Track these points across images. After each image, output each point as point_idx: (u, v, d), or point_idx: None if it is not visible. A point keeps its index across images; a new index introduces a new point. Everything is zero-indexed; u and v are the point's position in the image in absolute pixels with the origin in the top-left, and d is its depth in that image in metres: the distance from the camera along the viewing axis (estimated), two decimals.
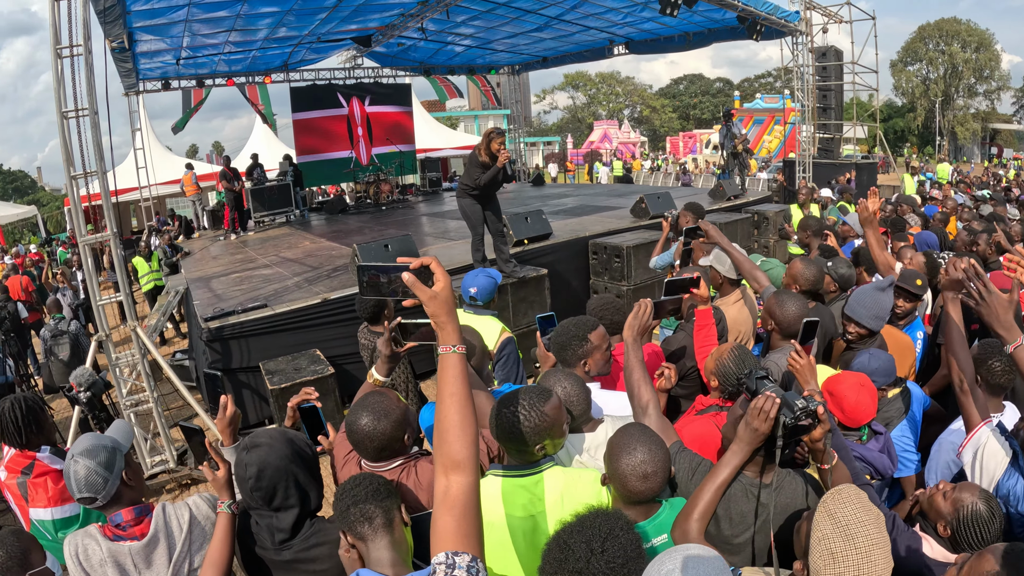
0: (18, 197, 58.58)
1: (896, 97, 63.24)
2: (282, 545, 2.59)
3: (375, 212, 19.41)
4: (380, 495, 2.24)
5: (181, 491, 7.33)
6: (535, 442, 2.56)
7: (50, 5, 6.52)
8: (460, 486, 1.81)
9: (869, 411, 3.31)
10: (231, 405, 3.03)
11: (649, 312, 3.29)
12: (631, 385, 3.07)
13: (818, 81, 18.90)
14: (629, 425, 2.65)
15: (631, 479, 2.42)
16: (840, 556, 1.93)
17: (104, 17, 10.37)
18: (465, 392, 1.91)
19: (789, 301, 4.04)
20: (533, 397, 2.59)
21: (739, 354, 3.33)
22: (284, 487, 2.56)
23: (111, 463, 2.62)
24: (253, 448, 2.57)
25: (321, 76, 21.52)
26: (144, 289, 14.41)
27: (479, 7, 16.32)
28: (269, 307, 8.66)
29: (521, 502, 2.57)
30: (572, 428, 3.02)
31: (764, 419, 2.39)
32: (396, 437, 2.69)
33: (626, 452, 2.44)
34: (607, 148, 50.18)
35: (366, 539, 2.17)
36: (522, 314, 8.78)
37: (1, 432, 3.49)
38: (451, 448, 1.84)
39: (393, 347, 3.02)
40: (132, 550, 2.55)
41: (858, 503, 2.01)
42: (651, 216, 12.39)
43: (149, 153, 18.96)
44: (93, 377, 6.41)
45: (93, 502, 2.58)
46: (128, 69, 15.85)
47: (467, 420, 1.88)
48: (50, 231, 33.79)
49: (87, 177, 6.99)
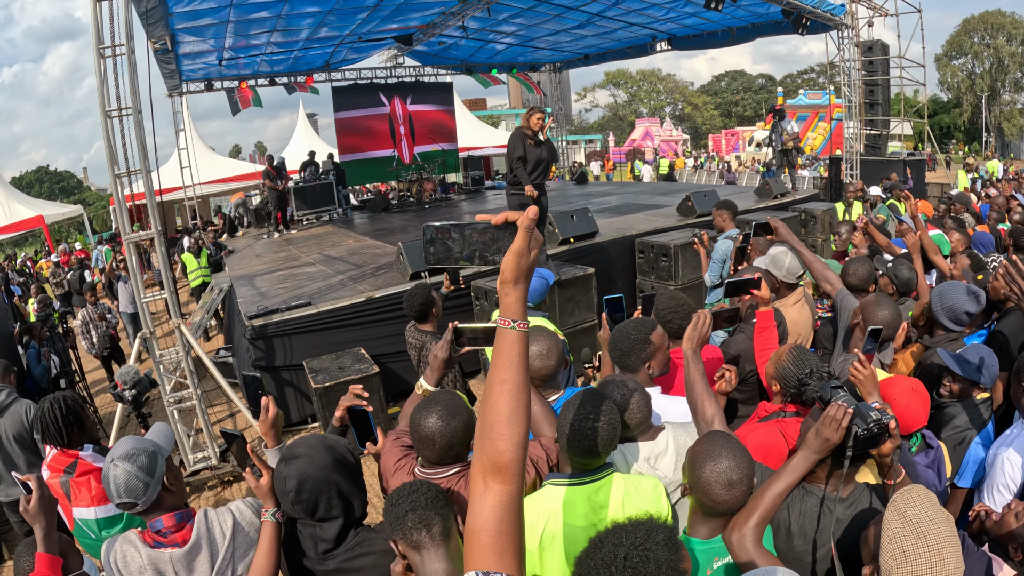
0: (64, 197, 59.99)
1: (941, 92, 61.98)
2: (326, 555, 2.50)
3: (418, 210, 19.46)
4: (439, 502, 2.12)
5: (223, 488, 7.35)
6: (606, 449, 2.46)
7: (92, 5, 6.56)
8: (499, 495, 1.52)
9: (920, 417, 3.14)
10: (273, 406, 2.94)
11: (708, 324, 3.20)
12: (694, 399, 2.95)
13: (864, 76, 18.51)
14: (712, 433, 2.51)
15: (715, 487, 2.28)
16: (912, 554, 1.87)
17: (147, 19, 10.44)
18: (521, 379, 1.58)
19: (884, 306, 3.86)
20: (604, 402, 2.49)
21: (798, 354, 3.18)
22: (327, 498, 2.47)
23: (152, 467, 2.52)
24: (292, 460, 2.48)
25: (363, 75, 21.61)
26: (192, 285, 14.58)
27: (520, 4, 16.24)
28: (313, 305, 8.65)
29: (583, 511, 2.46)
30: (627, 437, 2.92)
31: (836, 428, 2.29)
32: (465, 439, 2.55)
33: (710, 459, 2.31)
34: (649, 146, 49.87)
35: (421, 548, 2.05)
36: (568, 314, 8.66)
37: (42, 433, 3.46)
38: (495, 447, 1.54)
39: (451, 351, 2.88)
40: (173, 557, 2.45)
41: (928, 502, 1.97)
42: (698, 215, 12.20)
43: (193, 153, 19.20)
44: (138, 375, 6.41)
45: (133, 508, 2.48)
46: (171, 70, 16.05)
47: (518, 414, 1.56)
48: (96, 229, 34.40)
49: (131, 176, 7.02)
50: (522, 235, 1.56)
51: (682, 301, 4.05)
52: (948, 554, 1.85)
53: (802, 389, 2.97)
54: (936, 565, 1.84)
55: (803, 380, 2.96)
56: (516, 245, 1.56)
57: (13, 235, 28.62)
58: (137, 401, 6.47)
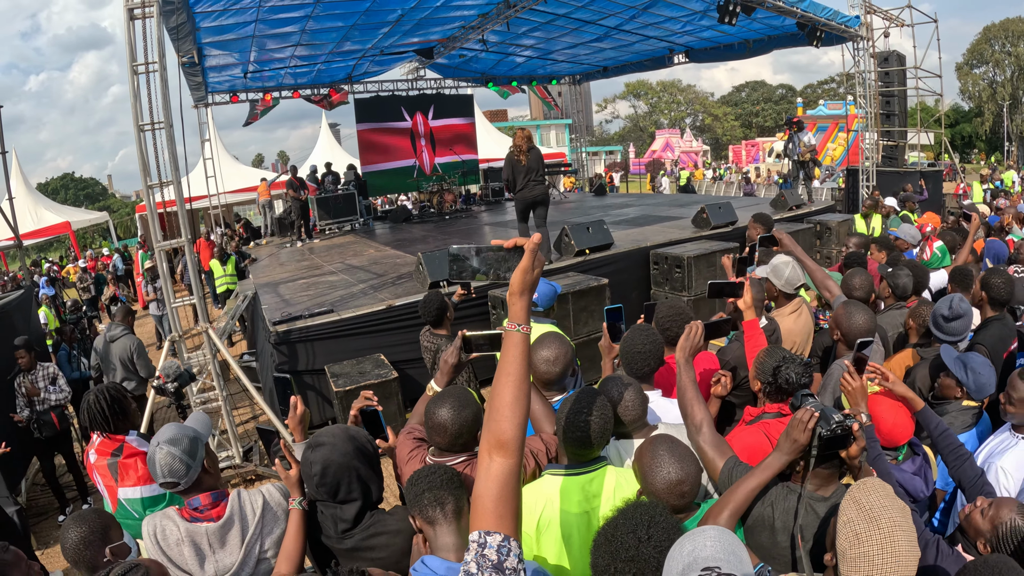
0: (89, 203, 60.93)
1: (962, 101, 61.45)
2: (345, 534, 2.76)
3: (438, 221, 19.66)
4: (454, 484, 2.36)
5: (246, 485, 7.58)
6: (599, 442, 2.70)
7: (125, 25, 6.87)
8: (501, 467, 1.85)
9: (906, 431, 3.31)
10: (300, 405, 3.20)
11: (700, 334, 3.35)
12: (684, 404, 3.12)
13: (880, 87, 18.53)
14: (657, 440, 2.72)
15: (671, 498, 2.53)
16: (864, 536, 1.99)
17: (176, 33, 10.72)
18: (522, 373, 1.93)
19: (857, 312, 4.04)
20: (598, 400, 2.73)
21: (771, 349, 3.41)
22: (347, 482, 2.74)
23: (194, 451, 2.83)
24: (317, 447, 2.75)
25: (384, 88, 21.90)
26: (218, 292, 14.95)
27: (539, 18, 16.45)
28: (335, 312, 8.88)
29: (577, 499, 2.68)
30: (623, 434, 3.14)
31: (803, 430, 2.48)
32: (473, 429, 2.81)
33: (661, 472, 2.56)
34: (669, 157, 49.90)
35: (435, 523, 2.27)
36: (582, 323, 8.83)
37: (90, 421, 3.73)
38: (499, 427, 1.87)
39: (460, 356, 3.15)
40: (208, 531, 2.73)
41: (882, 491, 2.08)
42: (712, 227, 12.35)
43: (218, 162, 19.53)
44: (180, 369, 6.75)
45: (175, 487, 2.78)
46: (198, 83, 16.40)
47: (519, 401, 1.91)
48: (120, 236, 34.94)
49: (162, 187, 7.31)
50: (527, 256, 1.96)
51: (680, 310, 4.23)
52: (899, 537, 1.97)
53: (776, 377, 3.18)
54: (887, 547, 1.96)
55: (777, 367, 3.18)
56: (523, 263, 1.96)
57: (39, 240, 29.23)
58: (178, 393, 6.93)
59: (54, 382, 7.39)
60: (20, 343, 7.27)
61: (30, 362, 7.26)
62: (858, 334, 3.89)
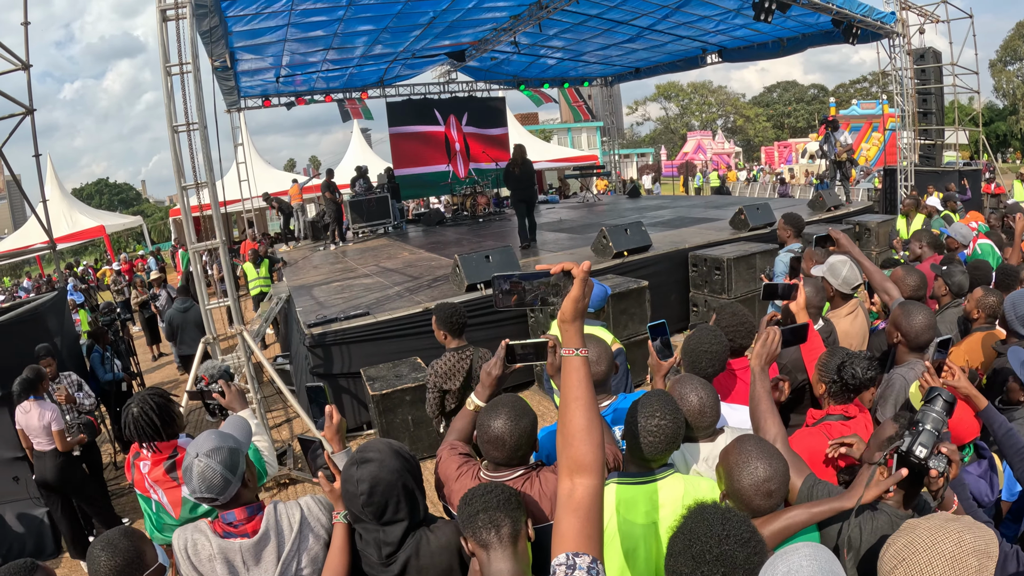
0: (123, 208, 62.09)
1: (996, 99, 60.27)
2: (389, 559, 2.52)
3: (472, 224, 19.64)
4: (511, 505, 2.19)
5: (279, 490, 7.53)
6: (669, 448, 2.54)
7: (158, 26, 6.86)
8: (586, 488, 1.81)
9: (971, 429, 3.15)
10: (336, 414, 3.02)
11: (778, 342, 3.15)
12: (757, 417, 2.96)
13: (917, 84, 18.18)
14: (744, 438, 2.54)
15: (756, 498, 2.35)
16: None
17: (209, 37, 10.73)
18: (590, 396, 1.90)
19: (916, 312, 3.83)
20: (669, 402, 2.57)
21: (832, 349, 3.32)
22: (395, 501, 2.50)
23: (235, 465, 2.61)
24: (364, 463, 2.50)
25: (416, 91, 21.91)
26: (252, 294, 14.97)
27: (570, 20, 16.37)
28: (371, 315, 8.79)
29: (644, 509, 2.51)
30: (690, 438, 2.96)
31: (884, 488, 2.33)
32: (531, 439, 2.66)
33: (748, 469, 2.37)
34: (701, 159, 49.51)
35: (489, 547, 2.10)
36: (622, 326, 8.67)
37: (139, 434, 3.58)
38: (577, 452, 1.85)
39: (504, 367, 2.94)
40: (242, 547, 2.54)
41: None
42: (750, 228, 12.14)
43: (250, 166, 19.63)
44: (221, 367, 6.67)
45: (213, 502, 2.58)
46: (230, 87, 16.47)
47: (593, 424, 1.88)
48: (154, 240, 35.40)
49: (198, 188, 7.25)
50: (578, 285, 1.94)
51: (744, 319, 4.03)
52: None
53: (842, 374, 3.09)
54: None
55: (842, 363, 3.08)
56: (574, 292, 1.93)
57: (75, 244, 29.65)
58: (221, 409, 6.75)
59: (80, 388, 7.31)
60: (43, 351, 7.03)
61: (55, 370, 7.15)
62: (920, 333, 3.74)
